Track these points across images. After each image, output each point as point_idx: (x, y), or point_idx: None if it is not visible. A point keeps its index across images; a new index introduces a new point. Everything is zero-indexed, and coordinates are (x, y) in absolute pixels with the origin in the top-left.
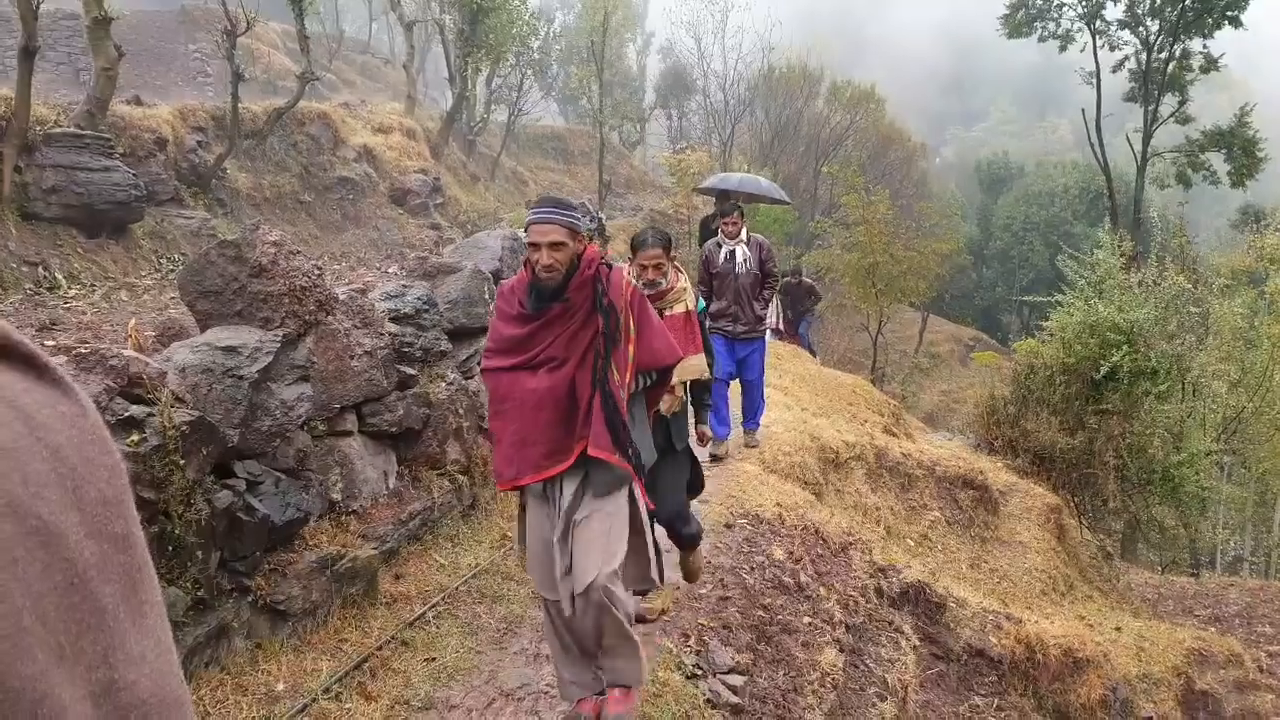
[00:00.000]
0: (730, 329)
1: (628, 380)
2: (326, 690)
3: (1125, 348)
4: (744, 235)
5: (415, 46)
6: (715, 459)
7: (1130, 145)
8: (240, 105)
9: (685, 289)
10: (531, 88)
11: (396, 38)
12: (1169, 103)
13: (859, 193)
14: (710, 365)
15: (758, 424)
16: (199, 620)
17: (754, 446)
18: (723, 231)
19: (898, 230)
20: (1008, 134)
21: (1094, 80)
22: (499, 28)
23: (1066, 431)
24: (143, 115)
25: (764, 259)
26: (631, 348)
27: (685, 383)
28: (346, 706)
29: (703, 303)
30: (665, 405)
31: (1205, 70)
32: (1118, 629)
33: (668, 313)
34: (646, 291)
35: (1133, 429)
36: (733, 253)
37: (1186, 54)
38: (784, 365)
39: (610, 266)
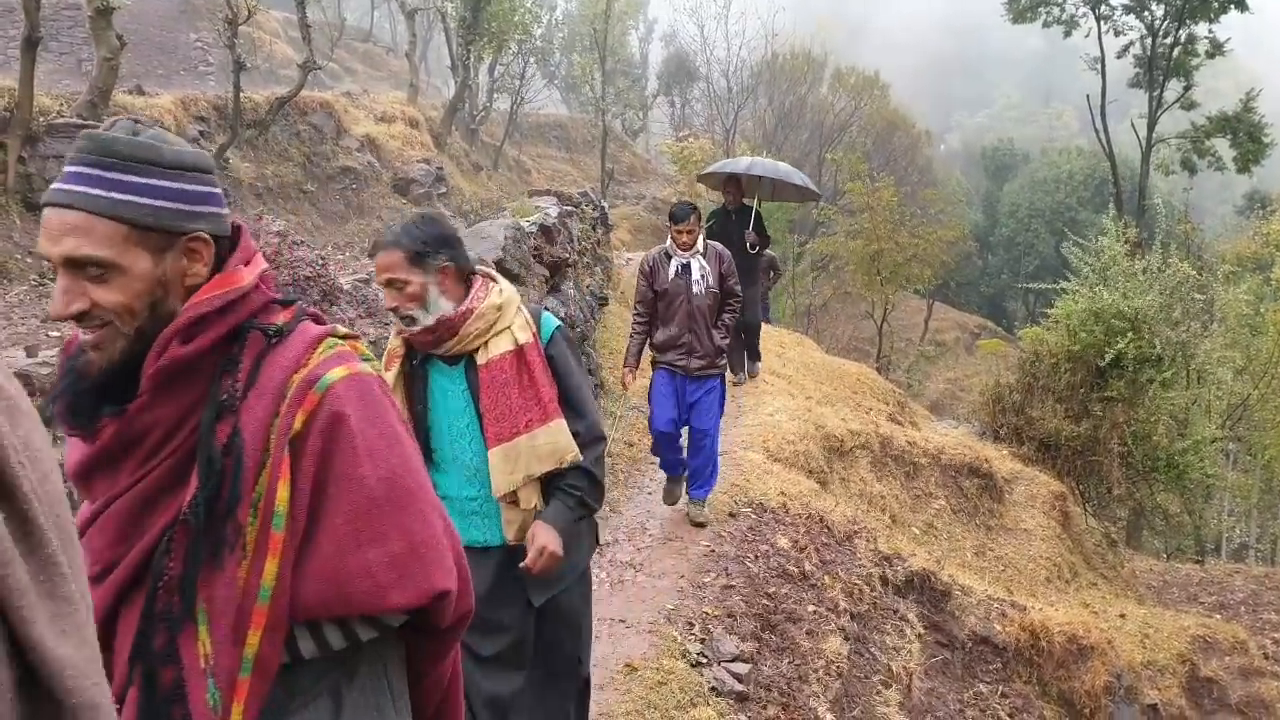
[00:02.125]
0: (682, 364)
1: (256, 651)
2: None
3: (1130, 335)
4: (700, 245)
5: (417, 35)
6: (699, 525)
7: (1135, 131)
8: (242, 95)
9: (503, 305)
10: (534, 76)
11: (398, 26)
12: (1174, 88)
13: (863, 180)
14: (587, 429)
15: (706, 492)
16: None
17: (701, 524)
18: (673, 240)
19: (903, 217)
20: (1013, 120)
21: (1099, 66)
22: (501, 15)
23: (1071, 419)
24: (145, 105)
25: (724, 273)
26: (273, 564)
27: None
28: None
29: (552, 321)
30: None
31: (1211, 55)
32: (1122, 616)
33: (482, 361)
34: (409, 330)
35: (1137, 416)
36: (686, 266)
37: (1192, 39)
38: (788, 354)
39: (278, 334)
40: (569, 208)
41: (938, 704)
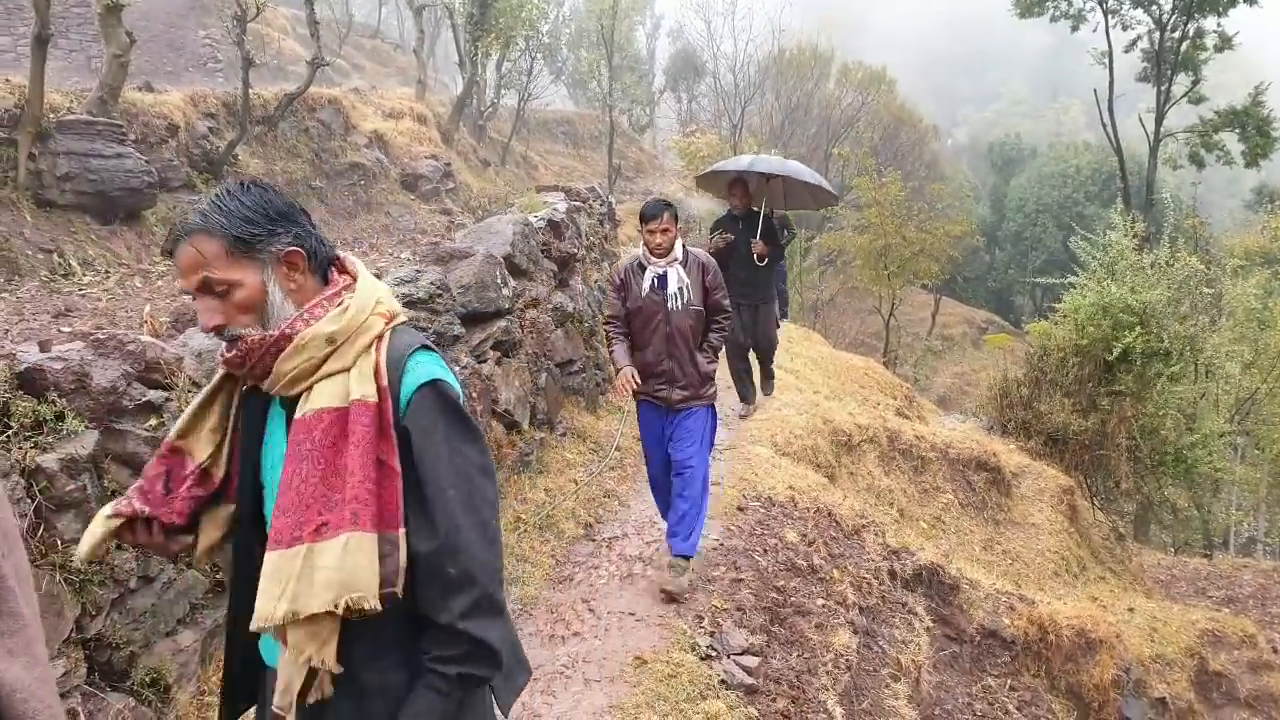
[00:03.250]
0: (663, 394)
1: None
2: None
3: (1138, 329)
4: (678, 251)
5: (425, 31)
6: (671, 597)
7: (1143, 126)
8: (251, 91)
9: (341, 335)
10: (541, 72)
11: (406, 22)
12: (1182, 82)
13: (870, 175)
14: (441, 555)
15: (692, 547)
16: (218, 603)
17: (677, 591)
18: (645, 245)
19: (910, 212)
20: (1020, 115)
21: (1106, 60)
22: (508, 11)
23: (1079, 413)
24: (154, 102)
25: (709, 286)
26: None
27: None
28: None
29: (428, 371)
30: None
31: (1220, 49)
32: (1130, 610)
33: (299, 413)
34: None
35: (1145, 410)
36: (662, 278)
37: (1200, 32)
38: (795, 348)
39: None
40: (577, 203)
41: (946, 697)
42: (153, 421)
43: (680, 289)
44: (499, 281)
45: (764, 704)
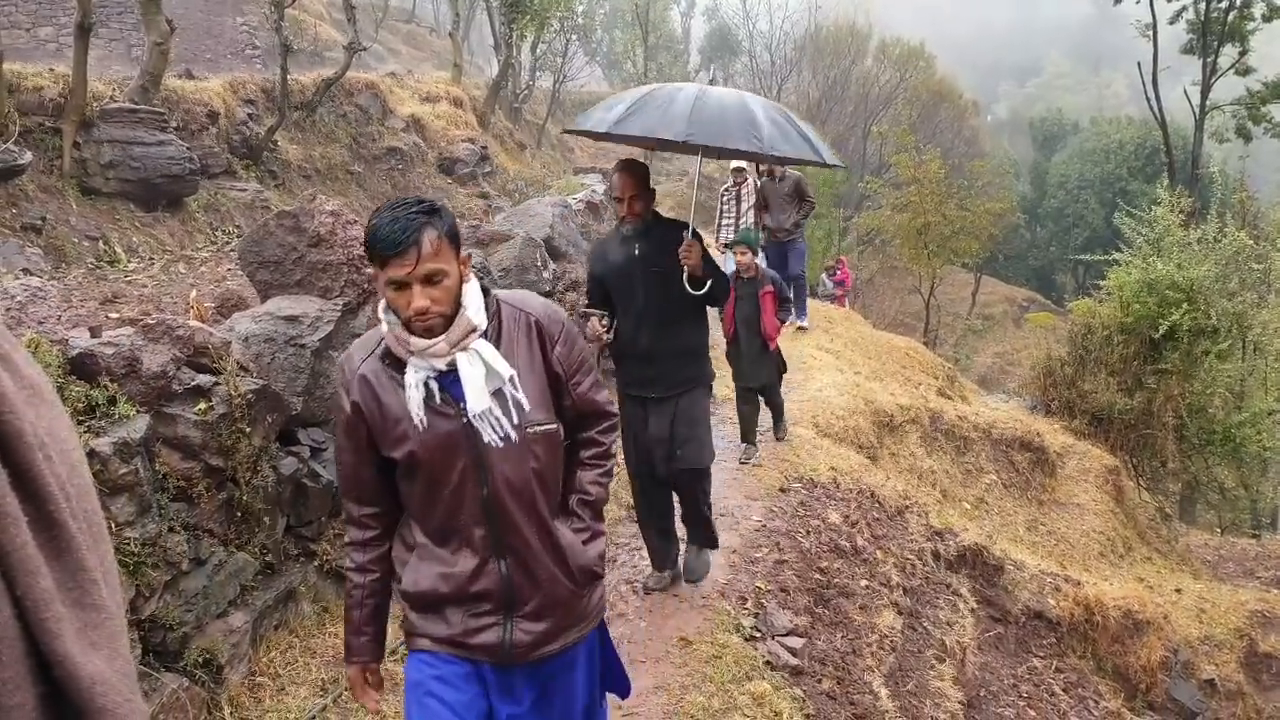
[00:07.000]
0: (487, 637)
1: None
2: (392, 653)
3: (1185, 306)
4: (475, 313)
5: (460, 14)
6: None
7: (1188, 99)
8: (289, 77)
9: None
10: (576, 53)
11: (441, 5)
12: (1229, 54)
13: (910, 152)
14: None
15: None
16: (268, 585)
17: None
18: (397, 316)
19: (950, 190)
20: (1061, 90)
21: (1150, 32)
22: None
23: (1124, 392)
24: (195, 89)
25: (564, 366)
26: None
27: None
28: None
29: None
30: None
31: (1268, 19)
32: (1178, 591)
33: None
34: None
35: (1192, 389)
36: (449, 383)
37: (1248, 2)
38: (835, 328)
39: None
40: None
41: (991, 678)
42: (201, 405)
43: (498, 399)
44: (539, 264)
45: (809, 685)
